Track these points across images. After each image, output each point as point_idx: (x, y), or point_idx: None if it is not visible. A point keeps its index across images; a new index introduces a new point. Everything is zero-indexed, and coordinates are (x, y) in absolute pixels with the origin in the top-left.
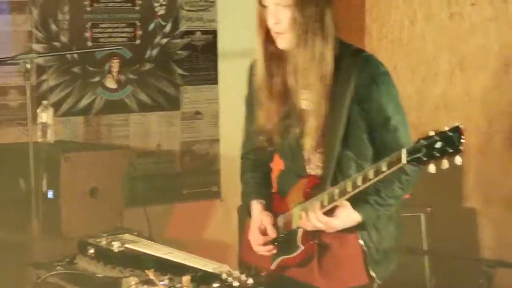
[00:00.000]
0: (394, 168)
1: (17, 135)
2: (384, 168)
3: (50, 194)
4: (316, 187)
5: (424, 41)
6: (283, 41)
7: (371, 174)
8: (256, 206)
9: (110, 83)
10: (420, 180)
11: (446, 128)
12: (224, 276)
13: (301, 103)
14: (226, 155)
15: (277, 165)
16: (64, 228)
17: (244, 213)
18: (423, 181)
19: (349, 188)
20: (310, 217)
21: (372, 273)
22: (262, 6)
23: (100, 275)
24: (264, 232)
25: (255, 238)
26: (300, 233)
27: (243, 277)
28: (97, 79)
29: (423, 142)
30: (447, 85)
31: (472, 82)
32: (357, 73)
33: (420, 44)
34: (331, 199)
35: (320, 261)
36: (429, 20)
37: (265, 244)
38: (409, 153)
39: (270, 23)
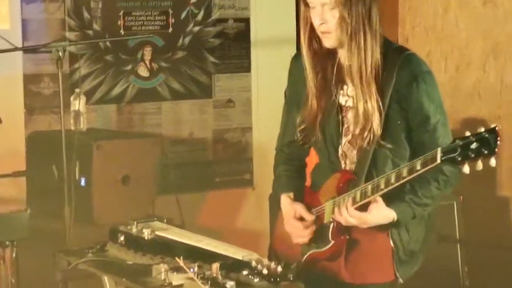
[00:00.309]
0: (428, 167)
1: (50, 123)
2: (418, 167)
3: (82, 182)
4: (349, 182)
5: (457, 28)
6: (330, 40)
7: (405, 172)
8: (285, 200)
9: (143, 71)
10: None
11: (483, 129)
12: (253, 264)
13: (342, 100)
14: (258, 143)
15: (313, 159)
16: (96, 216)
17: (275, 203)
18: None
19: (382, 185)
20: (342, 212)
21: (396, 272)
22: (306, 5)
23: (130, 262)
24: (300, 220)
25: (294, 227)
26: (331, 227)
27: (272, 265)
28: (129, 67)
29: (459, 142)
30: (480, 73)
31: (506, 70)
32: (398, 71)
33: (453, 31)
34: (364, 195)
35: (347, 255)
36: (463, 7)
37: (306, 227)
38: (444, 152)
39: (316, 23)
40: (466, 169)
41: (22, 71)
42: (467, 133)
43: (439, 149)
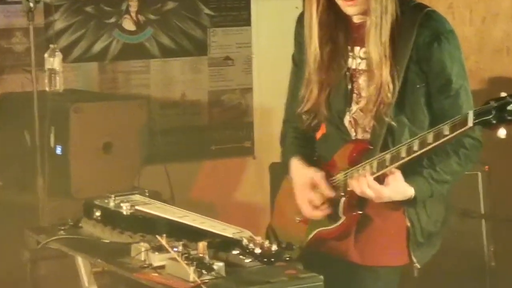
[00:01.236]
0: (458, 132)
1: (23, 83)
2: (446, 132)
3: (58, 150)
4: (364, 152)
5: None
6: (353, 8)
7: (430, 138)
8: (297, 165)
9: (128, 25)
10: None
11: None
12: (244, 242)
13: (353, 63)
14: (260, 106)
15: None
16: (74, 188)
17: (277, 173)
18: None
19: (403, 154)
20: (360, 182)
21: (413, 257)
22: None
23: (107, 241)
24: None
25: (308, 198)
26: (342, 202)
27: (266, 243)
28: (113, 20)
29: (494, 103)
30: (509, 25)
31: None
32: (418, 30)
33: None
34: (382, 166)
35: (357, 234)
36: None
37: (323, 204)
38: (477, 115)
39: None
40: (501, 133)
41: None
42: (503, 94)
43: (470, 112)
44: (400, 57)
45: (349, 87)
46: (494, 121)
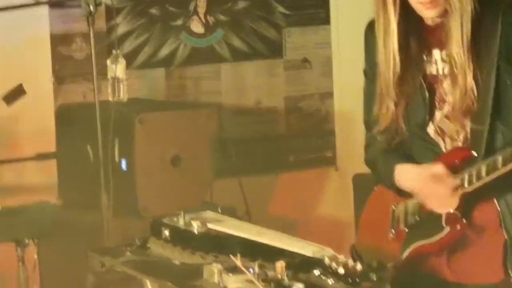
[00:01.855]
0: None
1: (85, 93)
2: None
3: (123, 164)
4: (467, 160)
5: None
6: (433, 11)
7: None
8: (407, 166)
9: (196, 27)
10: None
11: None
12: (326, 261)
13: (432, 68)
14: (341, 112)
15: None
16: (141, 205)
17: (362, 185)
18: None
19: None
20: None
21: (510, 272)
22: None
23: (177, 262)
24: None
25: (434, 193)
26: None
27: (350, 262)
28: (180, 22)
29: None
30: None
31: None
32: (503, 21)
33: None
34: (493, 168)
35: (450, 252)
36: None
37: (455, 188)
38: None
39: None
40: None
41: (48, 31)
42: None
43: None
44: (487, 57)
45: (427, 95)
46: None
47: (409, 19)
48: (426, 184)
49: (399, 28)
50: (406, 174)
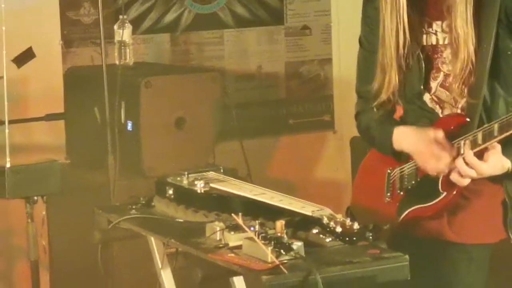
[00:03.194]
0: None
1: (92, 56)
2: None
3: (129, 126)
4: (461, 126)
5: None
6: None
7: None
8: (406, 129)
9: None
10: None
11: None
12: (325, 220)
13: (432, 39)
14: (340, 78)
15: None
16: (146, 166)
17: (359, 148)
18: None
19: None
20: (457, 160)
21: (510, 234)
22: None
23: (181, 220)
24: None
25: (434, 154)
26: (441, 177)
27: (347, 221)
28: None
29: None
30: None
31: None
32: None
33: None
34: (489, 136)
35: (451, 214)
36: None
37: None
38: None
39: None
40: None
41: None
42: None
43: None
44: (488, 24)
45: (423, 65)
46: None
47: None
48: (427, 147)
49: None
50: (406, 136)
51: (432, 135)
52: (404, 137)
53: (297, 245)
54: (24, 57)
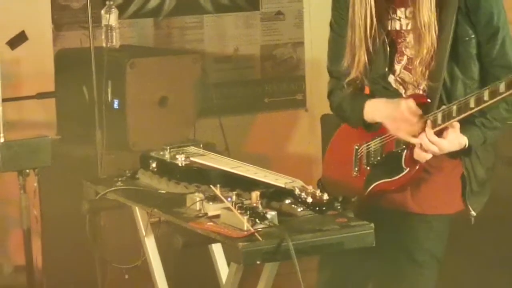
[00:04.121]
0: None
1: (81, 39)
2: None
3: (115, 104)
4: (422, 106)
5: None
6: None
7: (502, 87)
8: (378, 100)
9: None
10: None
11: None
12: (297, 191)
13: (396, 25)
14: (311, 59)
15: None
16: (131, 141)
17: (329, 124)
18: None
19: (472, 104)
20: (421, 136)
21: (469, 205)
22: None
23: (163, 191)
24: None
25: (409, 121)
26: (404, 154)
27: (318, 193)
28: None
29: None
30: None
31: None
32: None
33: None
34: (448, 117)
35: (415, 186)
36: None
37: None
38: None
39: None
40: None
41: None
42: None
43: None
44: (448, 12)
45: (388, 49)
46: None
47: None
48: (400, 114)
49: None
50: (379, 107)
51: (404, 104)
52: (376, 108)
53: (271, 214)
54: (17, 40)
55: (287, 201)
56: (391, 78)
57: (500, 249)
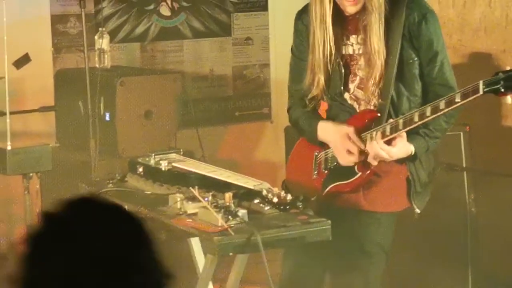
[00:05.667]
0: (469, 99)
1: (77, 61)
2: (458, 99)
3: (107, 117)
4: (374, 119)
5: None
6: (354, 7)
7: (442, 105)
8: (327, 124)
9: (165, 11)
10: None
11: None
12: (264, 193)
13: (350, 49)
14: (276, 78)
15: (323, 105)
16: (120, 148)
17: (291, 135)
18: None
19: (416, 119)
20: (373, 145)
21: (414, 204)
22: None
23: (149, 192)
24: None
25: (346, 148)
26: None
27: (282, 194)
28: (152, 7)
29: (502, 75)
30: (486, 9)
31: (510, 6)
32: (407, 13)
33: None
34: (395, 129)
35: (367, 187)
36: None
37: (358, 147)
38: (487, 84)
39: None
40: (508, 99)
41: (49, 12)
42: (508, 67)
43: (481, 82)
44: (395, 38)
45: (343, 70)
46: (503, 90)
47: (335, 12)
48: (341, 142)
49: (333, 19)
50: (326, 131)
51: (344, 131)
52: (325, 132)
53: (242, 212)
54: (22, 61)
55: (256, 201)
56: (346, 95)
57: (438, 241)
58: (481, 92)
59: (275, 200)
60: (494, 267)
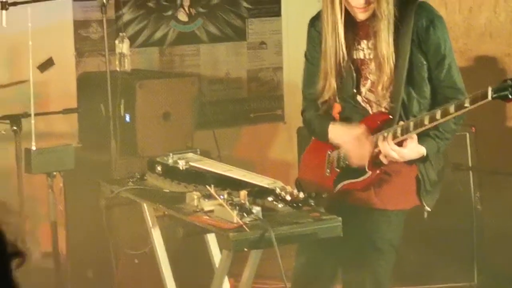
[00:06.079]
0: (478, 104)
1: (99, 64)
2: (467, 104)
3: (127, 118)
4: (386, 121)
5: None
6: (365, 14)
7: (452, 109)
8: (338, 125)
9: (182, 17)
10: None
11: None
12: (277, 191)
13: (360, 54)
14: (289, 81)
15: (336, 108)
16: (139, 148)
17: (304, 136)
18: None
19: (426, 121)
20: (384, 146)
21: (423, 202)
22: None
23: (167, 190)
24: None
25: (357, 147)
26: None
27: (295, 192)
28: (170, 12)
29: (510, 82)
30: (491, 14)
31: None
32: (415, 18)
33: None
34: (405, 131)
35: (377, 185)
36: None
37: (369, 146)
38: (495, 91)
39: (357, 3)
40: None
41: (72, 18)
42: None
43: (490, 88)
44: (404, 42)
45: (355, 75)
46: (511, 96)
47: (346, 18)
48: (351, 144)
49: (345, 26)
50: (337, 133)
51: (355, 133)
52: (336, 133)
53: (256, 209)
54: (46, 65)
55: (270, 199)
56: (359, 98)
57: (445, 237)
58: (489, 98)
59: (288, 198)
60: (499, 263)
